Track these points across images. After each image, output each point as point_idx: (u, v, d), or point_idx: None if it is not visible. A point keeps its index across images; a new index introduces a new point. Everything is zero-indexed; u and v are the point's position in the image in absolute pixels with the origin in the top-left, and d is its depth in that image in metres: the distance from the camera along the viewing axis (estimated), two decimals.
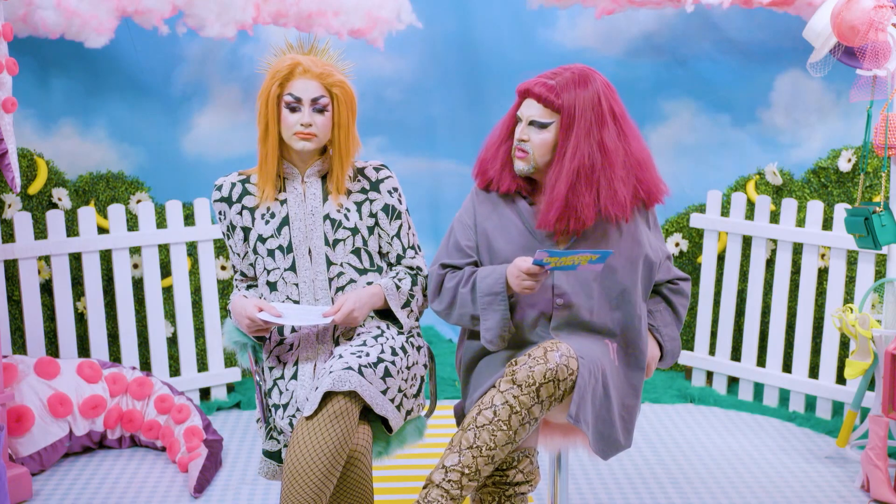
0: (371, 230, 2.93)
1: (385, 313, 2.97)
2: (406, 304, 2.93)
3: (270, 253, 2.89)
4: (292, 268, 2.88)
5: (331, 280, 2.87)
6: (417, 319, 2.98)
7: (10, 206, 4.17)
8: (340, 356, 2.74)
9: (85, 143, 4.51)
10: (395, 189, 2.98)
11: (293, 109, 2.84)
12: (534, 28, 4.89)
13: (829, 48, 3.67)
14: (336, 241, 2.88)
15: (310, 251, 2.87)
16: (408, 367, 2.86)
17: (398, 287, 2.91)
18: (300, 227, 2.88)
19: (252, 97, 4.75)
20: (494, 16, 4.91)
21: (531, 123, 2.79)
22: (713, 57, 4.79)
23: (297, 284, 2.88)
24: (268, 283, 2.91)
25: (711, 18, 4.72)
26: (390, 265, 2.99)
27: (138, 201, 4.49)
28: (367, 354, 2.75)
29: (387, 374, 2.76)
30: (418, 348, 2.96)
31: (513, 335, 2.84)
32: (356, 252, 2.90)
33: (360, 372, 2.69)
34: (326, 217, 2.88)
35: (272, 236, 2.88)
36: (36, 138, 4.40)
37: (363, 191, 2.94)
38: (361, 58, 4.84)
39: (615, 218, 2.79)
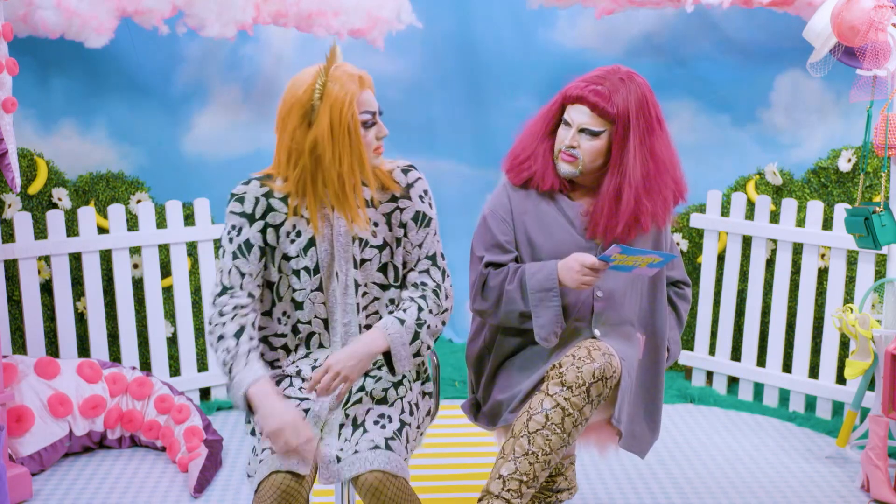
0: (398, 242, 2.66)
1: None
2: (415, 339, 2.61)
3: (296, 273, 2.62)
4: (319, 288, 2.63)
5: (358, 305, 2.65)
6: (430, 347, 2.68)
7: (10, 206, 4.17)
8: (364, 429, 2.56)
9: (85, 143, 4.51)
10: (426, 192, 2.67)
11: (369, 125, 2.57)
12: (534, 28, 4.89)
13: (829, 48, 3.67)
14: (363, 262, 2.63)
15: (336, 274, 2.63)
16: (418, 426, 2.70)
17: (402, 321, 2.60)
18: (326, 249, 2.61)
19: (252, 97, 4.75)
20: (494, 16, 4.91)
21: (582, 131, 2.76)
22: (713, 57, 4.79)
23: (324, 303, 2.65)
24: (293, 300, 2.65)
25: (711, 18, 4.72)
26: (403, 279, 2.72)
27: (138, 201, 4.49)
28: (390, 419, 2.58)
29: (408, 438, 2.60)
30: (428, 395, 2.80)
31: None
32: (382, 268, 2.66)
33: (388, 447, 2.52)
34: (355, 238, 2.62)
35: (298, 256, 2.61)
36: (36, 138, 4.40)
37: (393, 199, 2.64)
38: (361, 58, 4.84)
39: (661, 223, 2.81)
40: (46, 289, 4.28)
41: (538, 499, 2.80)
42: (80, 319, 4.37)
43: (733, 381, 4.67)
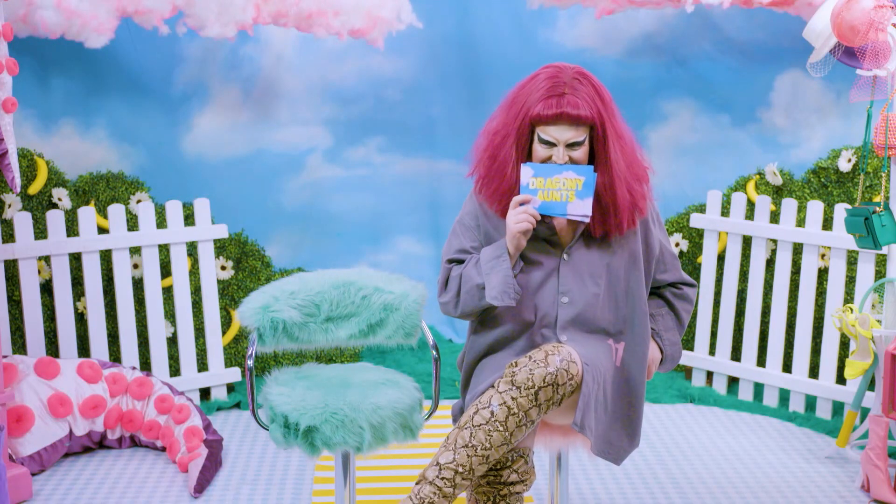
0: None
1: None
2: None
3: None
4: None
5: None
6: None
7: (10, 206, 4.17)
8: None
9: (85, 143, 4.51)
10: None
11: None
12: (534, 28, 4.89)
13: (829, 48, 3.67)
14: None
15: None
16: None
17: None
18: None
19: (252, 97, 4.75)
20: (494, 16, 4.91)
21: (570, 146, 2.75)
22: (713, 57, 4.79)
23: None
24: None
25: (711, 18, 4.72)
26: None
27: (138, 201, 4.49)
28: None
29: None
30: None
31: (511, 336, 2.82)
32: None
33: None
34: None
35: None
36: (36, 138, 4.40)
37: None
38: (361, 58, 4.85)
39: (646, 201, 2.84)
40: (46, 289, 4.28)
41: (490, 492, 2.80)
42: (80, 319, 4.37)
43: (733, 381, 4.67)
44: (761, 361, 4.58)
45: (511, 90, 2.87)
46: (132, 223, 4.45)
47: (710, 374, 4.72)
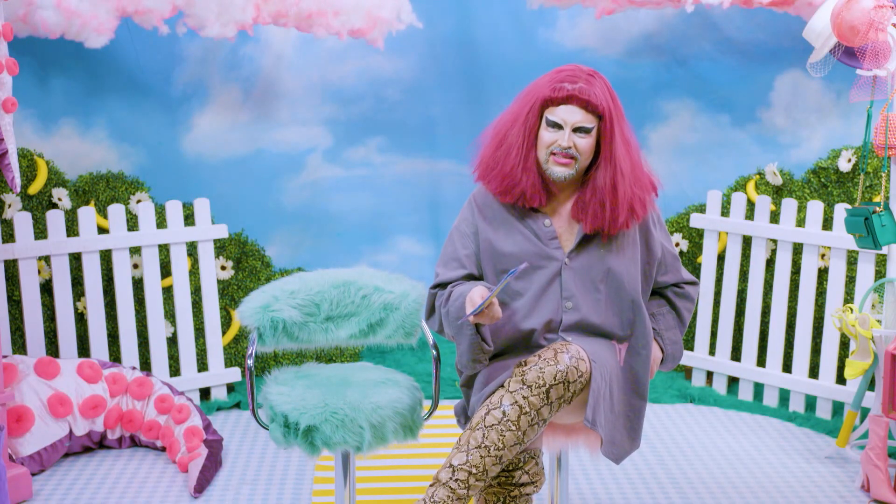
0: None
1: None
2: None
3: None
4: None
5: None
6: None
7: (10, 206, 4.17)
8: None
9: (85, 143, 4.51)
10: None
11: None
12: (534, 28, 4.90)
13: (829, 48, 3.67)
14: None
15: None
16: None
17: None
18: None
19: (252, 97, 4.76)
20: (494, 16, 4.91)
21: (576, 129, 2.75)
22: (713, 57, 4.80)
23: None
24: None
25: (711, 18, 4.72)
26: None
27: (138, 201, 4.49)
28: None
29: None
30: None
31: (515, 343, 2.82)
32: None
33: None
34: None
35: None
36: (36, 138, 4.40)
37: None
38: (361, 58, 4.86)
39: (645, 210, 2.84)
40: (46, 289, 4.28)
41: (501, 493, 2.80)
42: (80, 319, 4.37)
43: (733, 381, 4.67)
44: (761, 361, 4.58)
45: (525, 87, 2.87)
46: (132, 223, 4.45)
47: (710, 374, 4.72)
